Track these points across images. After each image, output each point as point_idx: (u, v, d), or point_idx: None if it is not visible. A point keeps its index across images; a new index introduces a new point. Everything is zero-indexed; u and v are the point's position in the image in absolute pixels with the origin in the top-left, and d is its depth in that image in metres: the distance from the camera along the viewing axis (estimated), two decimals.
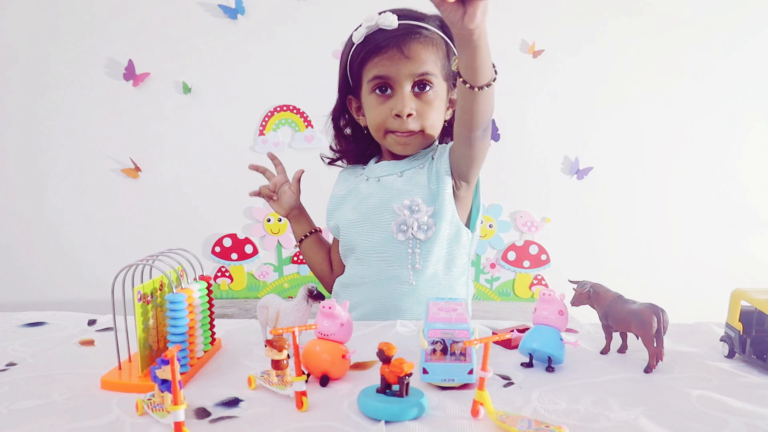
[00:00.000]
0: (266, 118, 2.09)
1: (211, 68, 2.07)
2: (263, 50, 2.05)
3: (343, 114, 1.13)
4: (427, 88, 1.01)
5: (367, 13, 0.99)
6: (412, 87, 1.01)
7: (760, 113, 2.08)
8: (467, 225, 1.08)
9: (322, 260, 1.22)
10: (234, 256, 2.13)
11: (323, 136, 1.22)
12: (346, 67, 1.06)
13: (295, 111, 2.08)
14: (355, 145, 1.15)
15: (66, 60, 2.06)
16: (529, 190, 2.12)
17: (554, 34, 2.04)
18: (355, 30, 1.03)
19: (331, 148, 1.19)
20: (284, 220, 2.10)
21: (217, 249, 2.13)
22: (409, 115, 1.00)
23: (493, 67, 0.83)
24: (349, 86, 1.08)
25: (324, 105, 1.15)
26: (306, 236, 1.21)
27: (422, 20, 1.01)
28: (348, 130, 1.15)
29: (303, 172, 1.17)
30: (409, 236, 1.01)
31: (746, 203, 2.12)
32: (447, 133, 1.11)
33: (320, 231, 1.24)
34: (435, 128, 1.05)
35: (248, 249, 2.13)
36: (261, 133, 2.09)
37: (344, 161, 1.19)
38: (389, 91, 1.01)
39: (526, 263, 2.12)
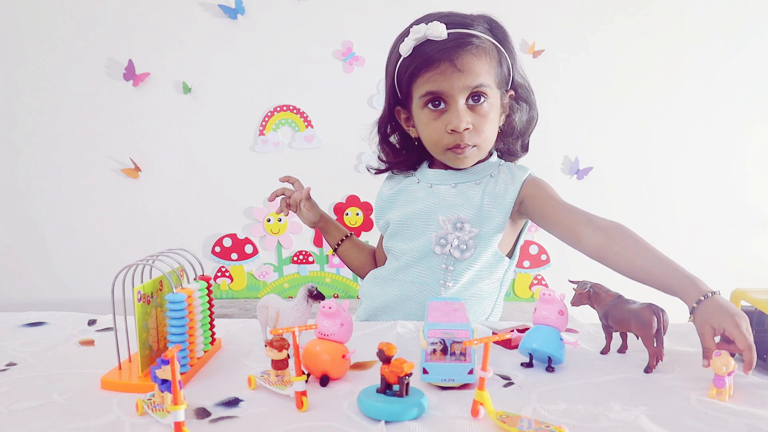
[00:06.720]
0: (266, 118, 2.09)
1: (211, 68, 2.06)
2: (263, 50, 2.05)
3: (391, 124, 1.08)
4: (482, 100, 0.95)
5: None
6: (466, 99, 0.95)
7: (761, 113, 2.07)
8: (510, 253, 1.07)
9: (365, 262, 1.21)
10: (234, 256, 2.13)
11: (368, 146, 1.16)
12: (394, 80, 1.01)
13: (295, 111, 2.08)
14: (406, 155, 1.10)
15: (66, 60, 2.06)
16: None
17: (554, 34, 2.03)
18: (400, 39, 0.98)
19: (379, 158, 1.14)
20: (284, 220, 2.11)
21: (217, 249, 2.13)
22: (466, 129, 0.95)
23: None
24: (397, 98, 1.03)
25: (324, 105, 1.14)
26: (340, 243, 1.20)
27: (470, 26, 0.94)
28: (394, 139, 1.10)
29: (309, 189, 1.14)
30: (447, 252, 1.00)
31: (747, 203, 2.12)
32: (501, 138, 1.06)
33: (353, 235, 1.22)
34: (490, 140, 1.01)
35: (248, 249, 2.13)
36: (261, 133, 2.09)
37: (393, 171, 1.15)
38: (442, 106, 0.96)
39: (526, 263, 2.12)
